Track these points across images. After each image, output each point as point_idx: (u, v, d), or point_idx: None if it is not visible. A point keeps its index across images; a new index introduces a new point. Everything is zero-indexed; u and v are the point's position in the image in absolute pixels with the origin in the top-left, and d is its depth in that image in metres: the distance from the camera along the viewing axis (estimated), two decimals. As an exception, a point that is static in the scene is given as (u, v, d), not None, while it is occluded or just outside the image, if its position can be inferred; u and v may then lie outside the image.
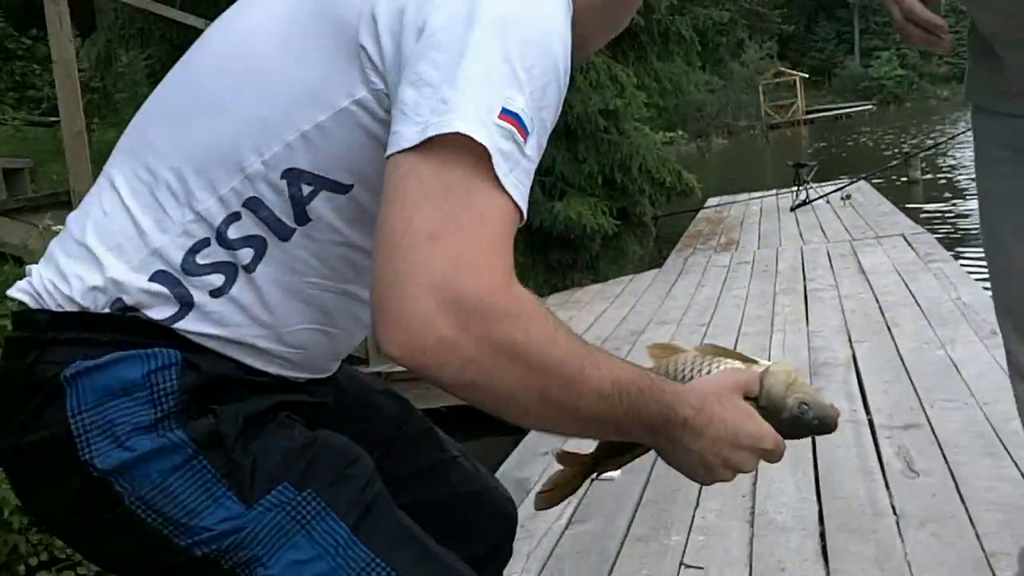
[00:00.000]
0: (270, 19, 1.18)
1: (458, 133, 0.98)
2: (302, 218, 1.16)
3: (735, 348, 1.32)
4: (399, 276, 0.97)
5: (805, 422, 1.21)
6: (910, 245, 8.92)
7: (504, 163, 1.00)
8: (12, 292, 1.20)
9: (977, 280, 6.76)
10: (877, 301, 6.63)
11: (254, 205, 1.15)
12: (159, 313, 1.14)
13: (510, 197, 1.01)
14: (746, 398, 1.18)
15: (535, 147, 1.05)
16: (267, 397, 1.20)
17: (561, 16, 1.10)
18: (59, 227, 1.51)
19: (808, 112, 56.78)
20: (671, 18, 11.55)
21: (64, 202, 6.03)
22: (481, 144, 0.98)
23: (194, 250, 1.15)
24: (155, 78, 11.99)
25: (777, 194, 15.43)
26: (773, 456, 1.18)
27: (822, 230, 11.06)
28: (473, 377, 0.99)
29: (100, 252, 1.17)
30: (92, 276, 1.15)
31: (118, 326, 1.14)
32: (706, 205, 15.62)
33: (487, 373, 0.99)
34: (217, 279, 1.15)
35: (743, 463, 1.16)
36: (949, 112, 44.90)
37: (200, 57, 1.26)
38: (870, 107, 57.37)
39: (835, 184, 14.56)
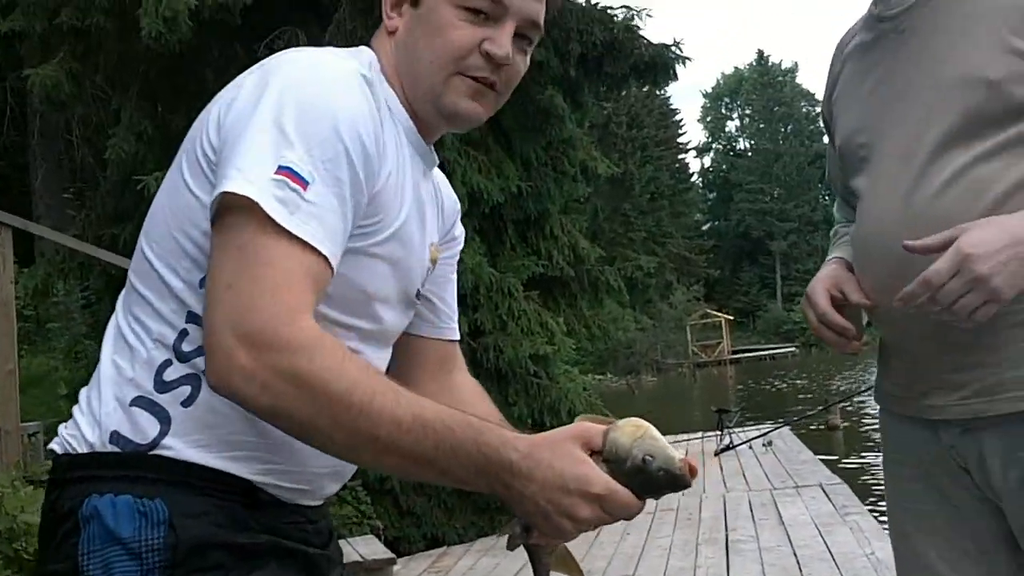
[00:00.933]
0: (167, 178, 1.44)
1: (232, 193, 1.22)
2: None
3: None
4: (210, 323, 1.21)
5: (650, 473, 1.19)
6: (828, 496, 9.11)
7: (283, 209, 1.22)
8: (51, 444, 1.42)
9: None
10: (795, 555, 6.75)
11: (194, 318, 1.34)
12: (147, 435, 1.32)
13: (297, 238, 1.22)
14: (593, 453, 1.23)
15: (322, 193, 1.25)
16: (249, 564, 1.32)
17: (342, 82, 1.35)
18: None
19: (734, 352, 58.07)
20: (600, 268, 11.99)
21: (-10, 439, 6.01)
22: (255, 200, 1.21)
23: (160, 371, 1.34)
24: (91, 309, 12.11)
25: (703, 437, 15.67)
26: (613, 506, 1.20)
27: (744, 477, 11.22)
28: (270, 402, 1.19)
29: (95, 396, 1.38)
30: (91, 420, 1.36)
31: (119, 462, 1.31)
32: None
33: (280, 399, 1.18)
34: (185, 390, 1.33)
35: (574, 509, 1.19)
36: (871, 357, 46.13)
37: None
38: (793, 349, 58.90)
39: (758, 429, 14.86)
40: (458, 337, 1.75)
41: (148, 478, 1.29)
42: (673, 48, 10.79)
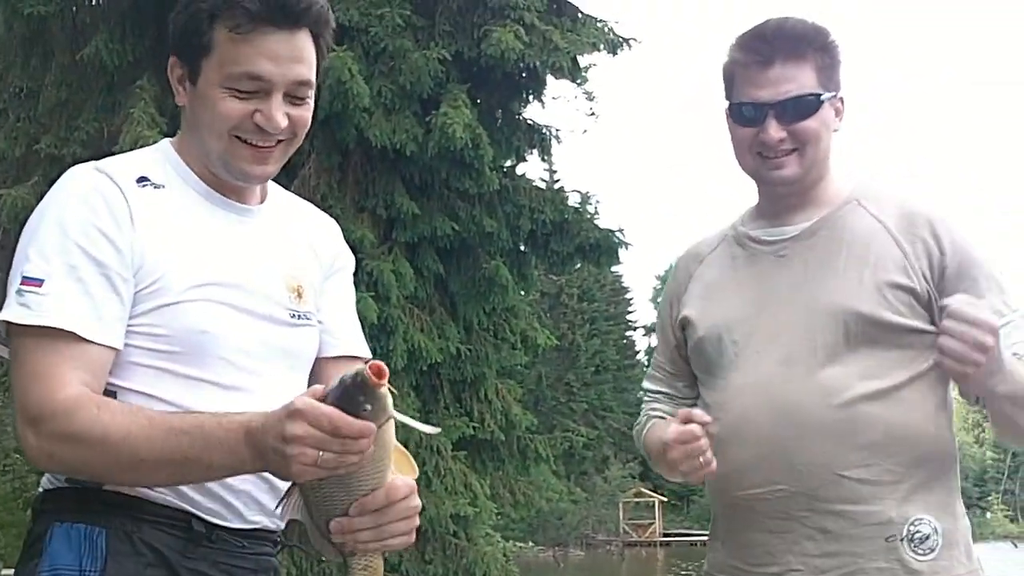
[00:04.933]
0: None
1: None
2: None
3: None
4: (16, 420, 1.55)
5: (342, 383, 1.33)
6: None
7: (25, 311, 1.52)
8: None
9: None
10: None
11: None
12: None
13: (42, 327, 1.51)
14: None
15: (59, 281, 1.53)
16: None
17: (68, 191, 1.60)
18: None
19: (665, 534, 57.41)
20: (531, 436, 12.13)
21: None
22: (4, 319, 1.53)
23: None
24: None
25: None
26: (317, 417, 1.33)
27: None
28: (59, 464, 1.55)
29: None
30: None
31: (73, 495, 1.60)
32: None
33: (64, 458, 1.52)
34: None
35: (288, 430, 1.35)
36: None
37: None
38: (725, 537, 58.08)
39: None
40: (361, 353, 1.91)
41: (98, 510, 1.58)
42: (618, 233, 11.31)
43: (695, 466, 1.95)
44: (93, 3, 10.38)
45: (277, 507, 1.50)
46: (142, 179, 1.66)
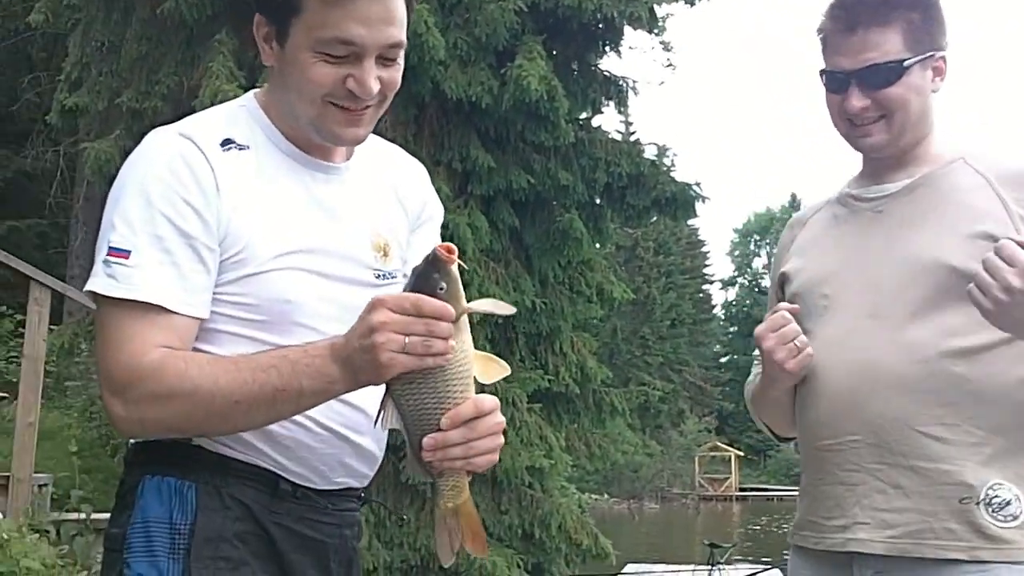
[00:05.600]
0: None
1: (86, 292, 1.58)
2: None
3: None
4: (101, 392, 1.58)
5: (415, 268, 1.40)
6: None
7: (112, 282, 1.54)
8: None
9: None
10: None
11: None
12: None
13: (128, 300, 1.53)
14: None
15: (145, 253, 1.55)
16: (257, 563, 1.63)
17: (151, 159, 1.61)
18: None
19: (742, 489, 57.33)
20: (606, 389, 12.16)
21: (1, 486, 6.29)
22: (91, 289, 1.56)
23: None
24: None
25: (694, 570, 15.61)
26: (398, 302, 1.39)
27: (727, 612, 11.20)
28: (154, 427, 1.56)
29: None
30: None
31: (164, 448, 1.62)
32: (623, 571, 15.72)
33: (158, 419, 1.54)
34: None
35: (372, 319, 1.40)
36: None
37: None
38: (801, 493, 57.92)
39: (749, 569, 14.84)
40: None
41: (188, 464, 1.62)
42: (694, 186, 11.20)
43: (790, 350, 2.00)
44: (172, -42, 10.46)
45: (376, 421, 1.50)
46: (227, 141, 1.66)
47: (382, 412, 1.49)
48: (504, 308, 1.51)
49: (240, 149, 1.66)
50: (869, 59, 1.99)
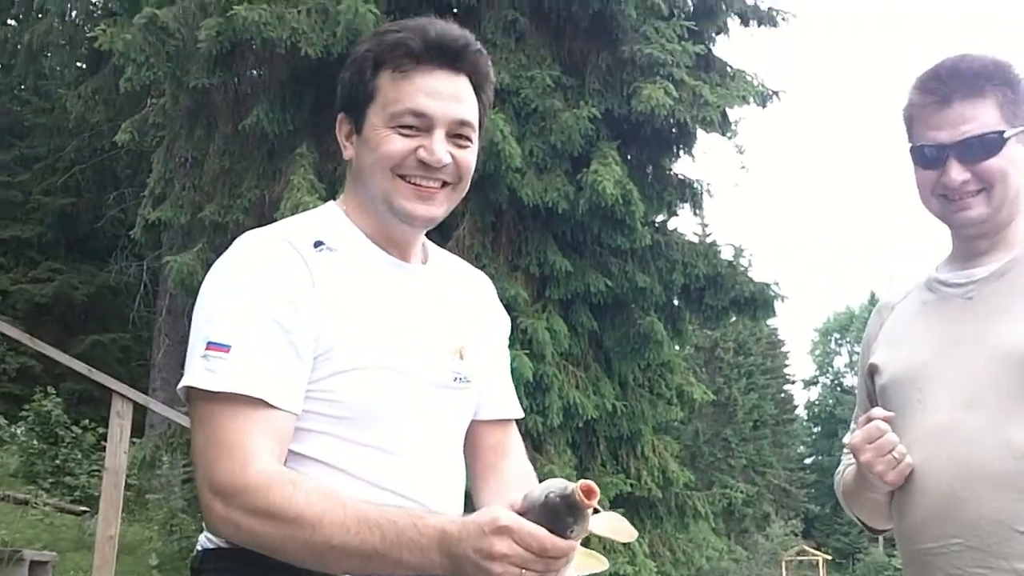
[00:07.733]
0: None
1: (183, 387, 1.54)
2: None
3: None
4: (196, 485, 1.53)
5: (549, 502, 1.32)
6: None
7: (212, 376, 1.51)
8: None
9: None
10: None
11: None
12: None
13: (230, 395, 1.50)
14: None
15: (246, 349, 1.52)
16: None
17: (247, 257, 1.61)
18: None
19: (831, 595, 55.52)
20: (688, 493, 11.96)
21: (83, 601, 6.30)
22: (191, 385, 1.52)
23: None
24: (190, 484, 12.47)
25: None
26: (523, 537, 1.34)
27: None
28: (246, 537, 1.50)
29: None
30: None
31: (232, 557, 1.58)
32: None
33: (253, 532, 1.48)
34: None
35: (492, 547, 1.35)
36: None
37: None
38: (894, 599, 56.07)
39: None
40: (513, 415, 1.94)
41: (240, 568, 1.58)
42: (773, 286, 11.10)
43: (889, 462, 1.93)
44: (253, 74, 10.81)
45: None
46: (318, 243, 1.68)
47: None
48: (625, 535, 1.47)
49: (330, 251, 1.68)
50: (967, 131, 1.94)
